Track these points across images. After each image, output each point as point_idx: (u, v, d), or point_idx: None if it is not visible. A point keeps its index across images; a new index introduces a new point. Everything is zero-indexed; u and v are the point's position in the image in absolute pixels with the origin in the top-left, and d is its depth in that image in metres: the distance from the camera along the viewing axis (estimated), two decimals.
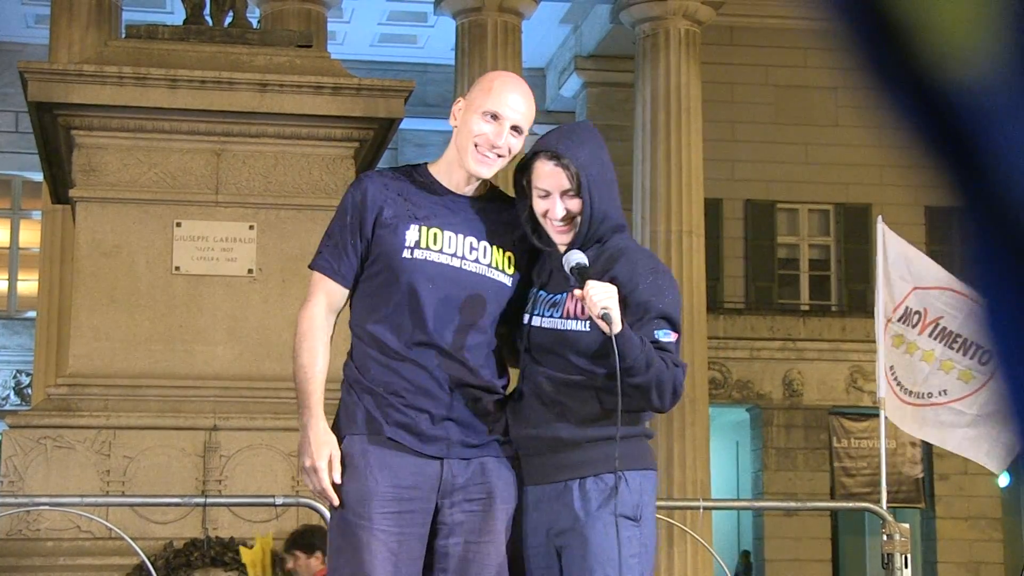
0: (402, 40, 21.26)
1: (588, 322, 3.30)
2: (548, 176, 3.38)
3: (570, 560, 3.34)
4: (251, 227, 7.40)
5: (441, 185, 3.55)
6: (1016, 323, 0.64)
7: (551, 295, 3.42)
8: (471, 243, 3.50)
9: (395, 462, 3.39)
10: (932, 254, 8.44)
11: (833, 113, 20.98)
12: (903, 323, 8.18)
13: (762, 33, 20.88)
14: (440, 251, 3.47)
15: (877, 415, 8.34)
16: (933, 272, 8.21)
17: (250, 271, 7.36)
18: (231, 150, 7.46)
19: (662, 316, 3.32)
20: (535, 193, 3.41)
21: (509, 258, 3.53)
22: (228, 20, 8.09)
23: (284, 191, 7.45)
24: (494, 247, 3.52)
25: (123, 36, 9.06)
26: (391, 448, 3.40)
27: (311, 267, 3.60)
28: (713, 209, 19.48)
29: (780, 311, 20.84)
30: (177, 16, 15.70)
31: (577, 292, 3.25)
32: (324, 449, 3.39)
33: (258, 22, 16.49)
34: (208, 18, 8.03)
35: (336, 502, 3.41)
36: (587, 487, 3.33)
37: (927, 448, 20.42)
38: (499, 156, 3.50)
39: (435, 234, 3.48)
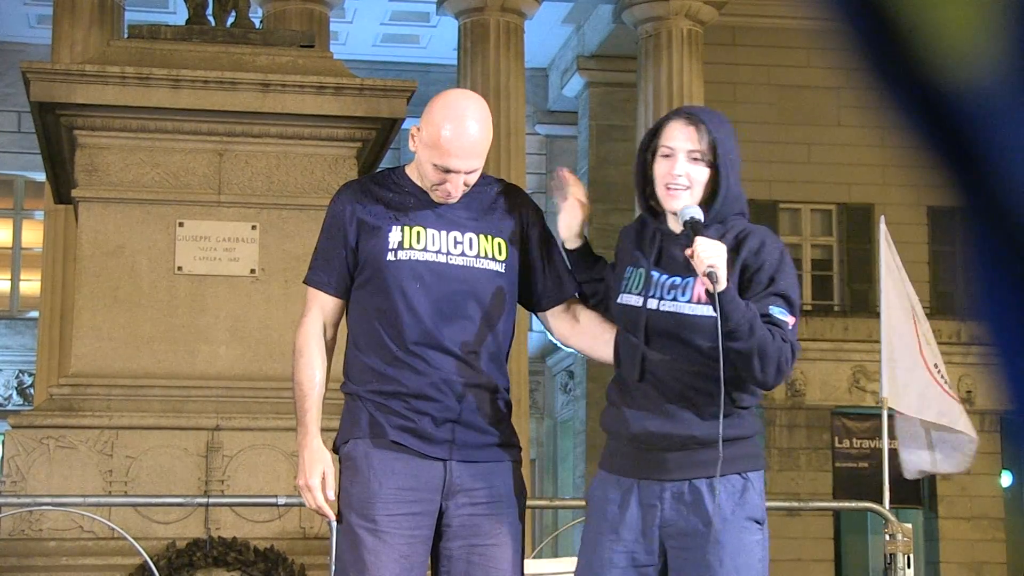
0: (404, 40, 21.26)
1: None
2: (677, 135, 3.28)
3: (693, 563, 3.20)
4: (253, 227, 7.40)
5: (417, 186, 3.54)
6: (1016, 322, 0.64)
7: (670, 277, 3.27)
8: (455, 237, 3.48)
9: (398, 465, 3.38)
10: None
11: (835, 113, 20.98)
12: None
13: (764, 33, 20.88)
14: (424, 249, 3.45)
15: (879, 415, 8.31)
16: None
17: (252, 271, 7.36)
18: (233, 150, 7.46)
19: (781, 294, 3.22)
20: (660, 153, 3.30)
21: (499, 244, 3.50)
22: (230, 20, 8.10)
23: (286, 191, 7.45)
24: (480, 236, 3.50)
25: (125, 36, 9.05)
26: (394, 451, 3.38)
27: (304, 282, 3.61)
28: None
29: None
30: (179, 16, 15.71)
31: (687, 251, 3.15)
32: (317, 467, 3.39)
33: (260, 22, 16.49)
34: (210, 18, 8.03)
35: (332, 518, 3.42)
36: (717, 488, 3.19)
37: None
38: (459, 193, 3.48)
39: (418, 232, 3.46)
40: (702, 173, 3.29)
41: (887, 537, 6.27)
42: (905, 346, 7.96)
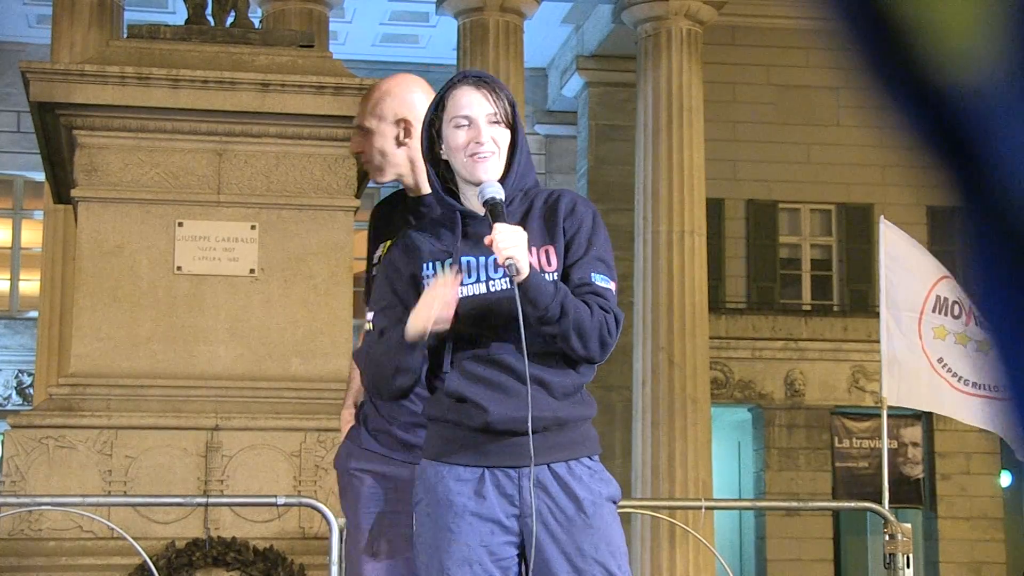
0: (404, 40, 21.26)
1: (556, 273, 3.06)
2: (472, 102, 3.10)
3: (563, 552, 2.99)
4: (253, 227, 7.40)
5: (409, 199, 3.72)
6: (1017, 323, 0.64)
7: (489, 257, 3.04)
8: None
9: (373, 467, 3.47)
10: (934, 254, 8.37)
11: (835, 113, 20.98)
12: (940, 314, 8.02)
13: (764, 33, 20.88)
14: None
15: (879, 415, 8.30)
16: (939, 268, 8.14)
17: (252, 271, 7.36)
18: (233, 150, 7.46)
19: (600, 259, 3.10)
20: (453, 126, 3.09)
21: None
22: (230, 20, 8.09)
23: (286, 191, 7.45)
24: None
25: (125, 36, 9.05)
26: (369, 452, 3.48)
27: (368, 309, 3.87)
28: (715, 209, 19.48)
29: (782, 311, 20.84)
30: (179, 16, 15.71)
31: (487, 239, 2.95)
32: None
33: (260, 22, 16.49)
34: (210, 18, 8.03)
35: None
36: (576, 471, 3.04)
37: (929, 448, 20.43)
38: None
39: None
40: (506, 136, 3.11)
41: (887, 537, 6.27)
42: (909, 342, 7.93)
